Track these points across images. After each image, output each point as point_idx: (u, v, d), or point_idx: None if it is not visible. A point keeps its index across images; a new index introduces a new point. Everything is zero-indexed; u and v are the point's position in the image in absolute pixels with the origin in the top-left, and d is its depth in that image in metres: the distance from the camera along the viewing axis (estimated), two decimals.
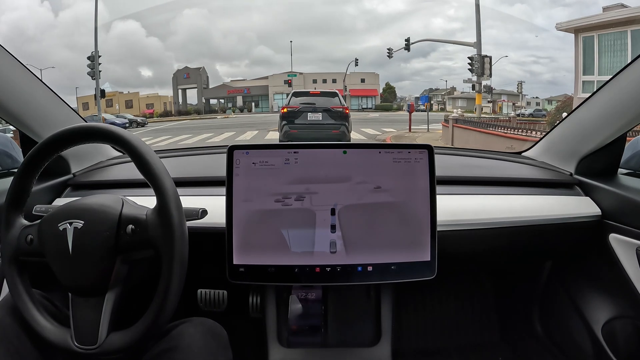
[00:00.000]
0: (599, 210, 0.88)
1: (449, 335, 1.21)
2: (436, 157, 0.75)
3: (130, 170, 0.93)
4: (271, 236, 0.73)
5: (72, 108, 0.97)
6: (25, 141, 0.89)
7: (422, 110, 20.92)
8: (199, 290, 1.05)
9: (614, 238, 0.84)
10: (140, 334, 0.56)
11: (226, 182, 0.73)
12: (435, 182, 0.75)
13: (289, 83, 24.01)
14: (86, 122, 0.77)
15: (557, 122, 1.07)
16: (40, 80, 0.86)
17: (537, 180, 0.97)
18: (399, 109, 23.10)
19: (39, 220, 0.62)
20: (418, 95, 25.38)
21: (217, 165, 0.84)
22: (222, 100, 27.01)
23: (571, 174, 0.97)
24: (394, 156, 0.75)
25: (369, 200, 0.74)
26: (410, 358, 1.15)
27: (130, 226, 0.58)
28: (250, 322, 0.98)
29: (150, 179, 0.58)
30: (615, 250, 0.83)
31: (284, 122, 7.24)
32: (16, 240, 0.61)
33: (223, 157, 0.73)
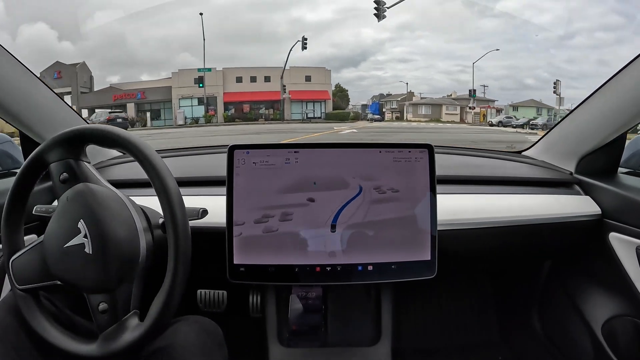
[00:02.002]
0: (599, 209, 0.88)
1: (448, 335, 1.22)
2: (436, 156, 0.75)
3: (131, 170, 0.94)
4: (271, 236, 0.73)
5: (72, 108, 0.97)
6: (26, 141, 0.89)
7: (376, 120, 18.59)
8: (198, 291, 1.05)
9: (614, 237, 0.84)
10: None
11: (226, 182, 0.73)
12: (436, 181, 0.75)
13: (200, 82, 16.15)
14: (87, 122, 0.77)
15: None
16: (41, 80, 0.86)
17: (537, 180, 0.97)
18: (357, 117, 19.04)
19: (83, 178, 0.61)
20: (366, 103, 20.55)
21: (217, 165, 0.84)
22: (109, 110, 15.51)
23: (571, 173, 0.97)
24: (395, 155, 0.75)
25: (369, 200, 0.74)
26: (410, 357, 1.15)
27: (105, 306, 0.58)
28: (250, 322, 0.98)
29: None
30: (615, 249, 0.83)
31: None
32: (57, 158, 0.61)
33: (223, 157, 0.73)
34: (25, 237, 0.77)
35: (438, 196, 0.75)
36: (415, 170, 0.75)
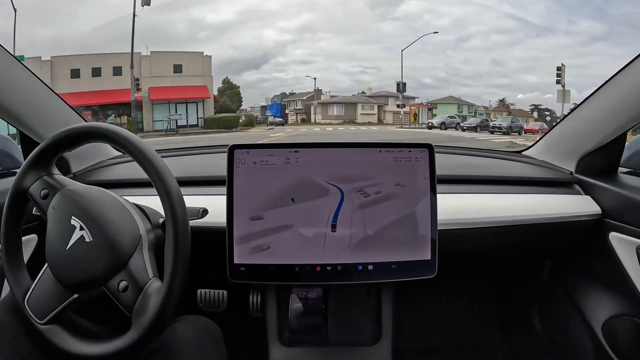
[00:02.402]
0: (599, 209, 0.88)
1: (449, 334, 1.22)
2: (437, 156, 0.75)
3: (130, 170, 0.94)
4: (272, 235, 0.73)
5: (72, 108, 0.97)
6: (26, 141, 0.89)
7: (278, 124, 15.58)
8: (198, 291, 1.05)
9: (614, 237, 0.84)
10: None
11: (227, 182, 0.73)
12: (436, 181, 0.75)
13: None
14: (86, 122, 0.77)
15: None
16: (41, 80, 0.86)
17: (537, 179, 0.97)
18: (250, 122, 14.94)
19: (60, 186, 0.62)
20: (265, 104, 17.32)
21: (217, 165, 0.84)
22: None
23: (571, 173, 0.97)
24: (395, 155, 0.75)
25: (370, 199, 0.74)
26: (411, 357, 1.15)
27: (125, 283, 0.57)
28: (251, 322, 0.98)
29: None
30: (615, 249, 0.83)
31: None
32: (32, 182, 0.63)
33: (223, 157, 0.73)
34: (26, 237, 0.77)
35: (438, 196, 0.75)
36: (416, 169, 0.75)
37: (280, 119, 16.60)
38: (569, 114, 1.00)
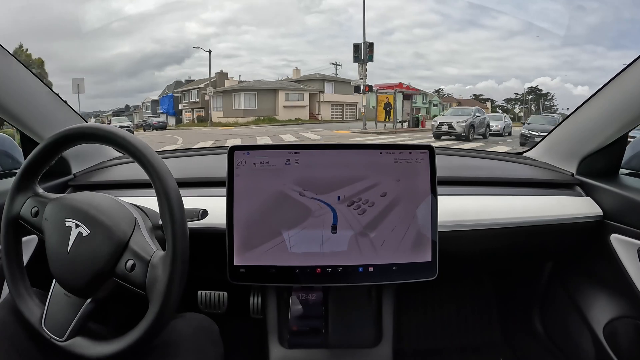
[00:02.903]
0: (601, 210, 0.87)
1: (450, 336, 1.21)
2: (437, 157, 0.75)
3: (131, 171, 0.94)
4: (272, 237, 0.73)
5: (72, 108, 0.97)
6: (26, 141, 0.89)
7: (158, 127, 10.73)
8: (199, 292, 1.05)
9: (615, 238, 0.84)
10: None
11: (227, 183, 0.73)
12: (437, 182, 0.75)
13: None
14: (87, 122, 0.77)
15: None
16: (41, 80, 0.86)
17: (539, 181, 0.97)
18: None
19: (48, 199, 0.63)
20: (156, 98, 12.87)
21: (217, 166, 0.84)
22: None
23: (572, 174, 0.97)
24: (395, 157, 0.75)
25: (370, 201, 0.74)
26: (412, 358, 1.15)
27: (131, 261, 0.57)
28: (251, 323, 0.97)
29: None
30: (616, 251, 0.83)
31: None
32: (20, 206, 0.63)
33: (223, 158, 0.73)
34: (26, 237, 0.77)
35: (439, 197, 0.75)
36: (416, 171, 0.75)
37: (162, 120, 11.61)
38: (570, 114, 1.00)
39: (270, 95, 11.41)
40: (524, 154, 1.15)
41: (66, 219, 0.59)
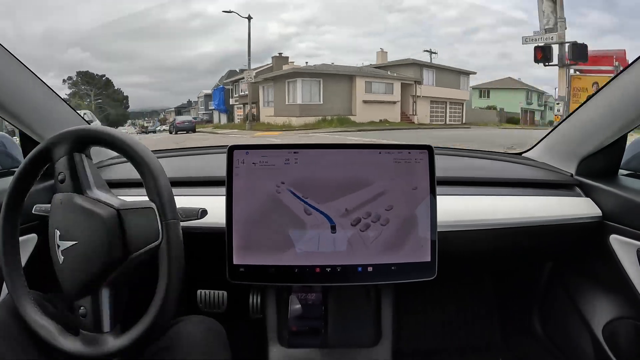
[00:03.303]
0: (600, 211, 0.87)
1: (449, 336, 1.21)
2: (436, 157, 0.75)
3: (129, 171, 0.93)
4: (271, 236, 0.73)
5: (72, 108, 0.97)
6: (26, 141, 0.89)
7: (184, 130, 8.53)
8: (198, 291, 1.05)
9: (615, 239, 0.84)
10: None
11: (226, 182, 0.73)
12: (436, 182, 0.75)
13: None
14: (86, 122, 0.77)
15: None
16: (41, 80, 0.86)
17: (538, 181, 0.97)
18: None
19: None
20: (209, 91, 11.19)
21: (217, 165, 0.84)
22: None
23: (572, 175, 0.97)
24: (395, 157, 0.75)
25: (369, 201, 0.74)
26: (411, 358, 1.14)
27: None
28: (250, 323, 0.97)
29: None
30: (615, 252, 0.83)
31: None
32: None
33: (223, 157, 0.73)
34: (25, 237, 0.77)
35: (438, 197, 0.75)
36: (416, 171, 0.75)
37: (188, 121, 9.51)
38: (569, 115, 1.00)
39: (344, 84, 7.66)
40: (523, 154, 1.15)
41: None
